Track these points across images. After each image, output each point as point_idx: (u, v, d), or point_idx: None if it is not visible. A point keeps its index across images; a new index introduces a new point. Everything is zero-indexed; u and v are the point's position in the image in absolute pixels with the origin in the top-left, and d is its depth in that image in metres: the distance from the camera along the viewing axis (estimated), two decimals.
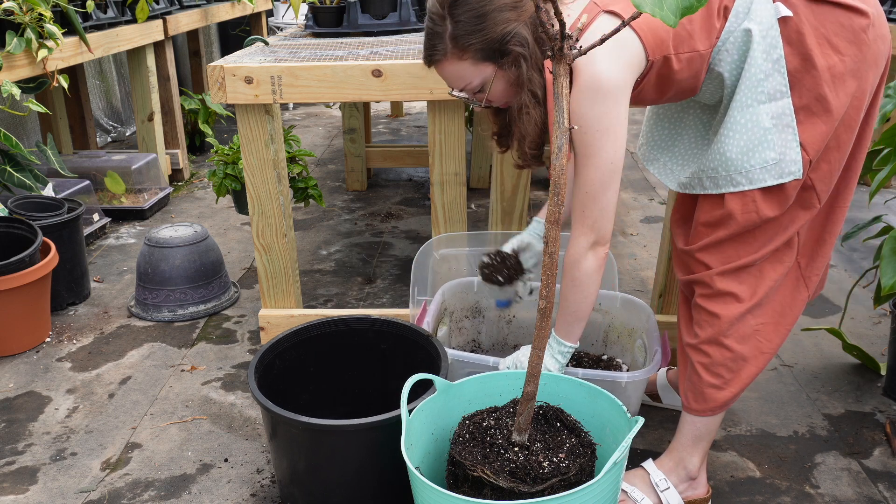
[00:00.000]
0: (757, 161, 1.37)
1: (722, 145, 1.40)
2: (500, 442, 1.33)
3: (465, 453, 1.31)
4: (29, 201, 2.55)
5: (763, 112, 1.35)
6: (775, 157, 1.36)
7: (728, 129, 1.39)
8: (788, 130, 1.35)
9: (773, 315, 1.51)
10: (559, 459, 1.29)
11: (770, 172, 1.37)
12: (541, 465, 1.27)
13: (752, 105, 1.36)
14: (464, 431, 1.37)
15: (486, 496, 1.25)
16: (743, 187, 1.39)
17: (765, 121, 1.35)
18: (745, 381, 1.53)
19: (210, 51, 5.81)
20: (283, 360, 1.67)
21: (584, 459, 1.29)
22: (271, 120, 1.97)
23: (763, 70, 1.34)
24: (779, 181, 1.37)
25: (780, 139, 1.36)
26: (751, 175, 1.38)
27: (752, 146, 1.37)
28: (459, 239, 2.05)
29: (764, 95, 1.35)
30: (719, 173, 1.42)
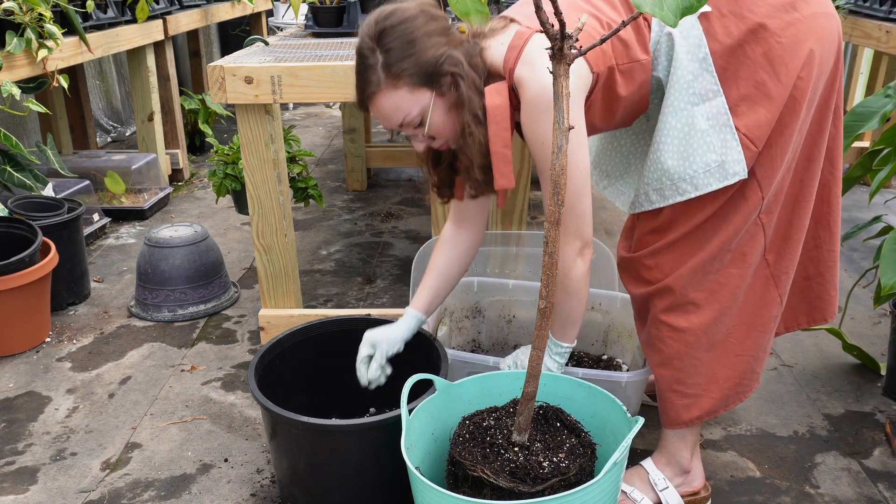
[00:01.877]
0: (699, 165, 1.33)
1: (660, 154, 1.37)
2: (500, 442, 1.32)
3: (465, 453, 1.31)
4: (29, 201, 2.55)
5: (697, 114, 1.32)
6: (717, 158, 1.32)
7: (664, 136, 1.36)
8: (726, 130, 1.32)
9: (744, 316, 1.46)
10: (559, 459, 1.29)
11: (714, 176, 1.33)
12: (541, 465, 1.27)
13: (684, 108, 1.33)
14: (464, 431, 1.37)
15: (486, 496, 1.25)
16: (689, 195, 1.35)
17: (700, 122, 1.32)
18: (724, 386, 1.49)
19: (210, 51, 5.81)
20: (283, 360, 1.67)
21: (584, 459, 1.29)
22: (271, 120, 1.97)
23: (690, 71, 1.31)
24: (724, 183, 1.33)
25: (719, 139, 1.32)
26: (695, 181, 1.34)
27: (691, 151, 1.33)
28: None
29: (696, 97, 1.32)
30: (664, 184, 1.38)
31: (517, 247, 2.07)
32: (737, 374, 1.50)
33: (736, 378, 1.50)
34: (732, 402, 1.53)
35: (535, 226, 3.23)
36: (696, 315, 1.45)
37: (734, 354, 1.48)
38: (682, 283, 1.44)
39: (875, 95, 1.90)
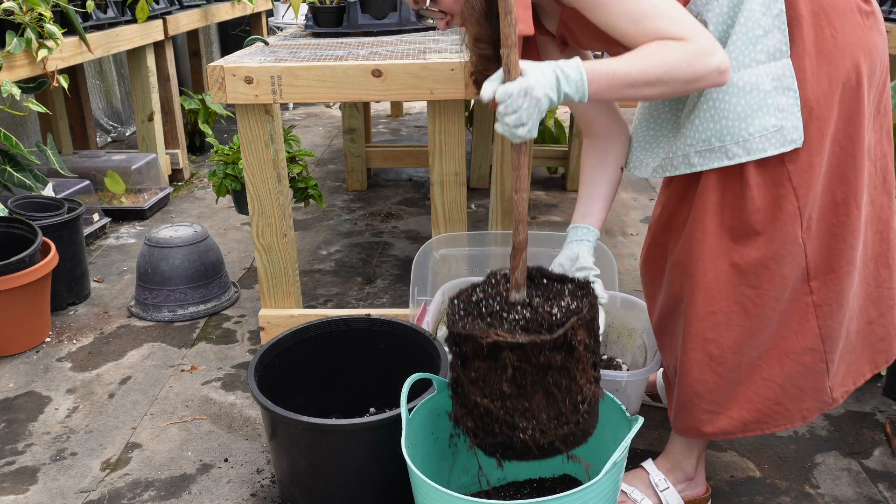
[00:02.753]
0: (756, 128, 1.24)
1: (714, 111, 1.27)
2: (498, 309, 1.23)
3: (471, 326, 1.19)
4: (29, 201, 2.56)
5: (762, 73, 1.23)
6: (776, 122, 1.23)
7: (722, 93, 1.26)
8: (790, 93, 1.24)
9: (777, 341, 1.37)
10: (567, 303, 1.21)
11: (770, 140, 1.24)
12: (551, 314, 1.19)
13: (749, 65, 1.24)
14: (458, 310, 1.26)
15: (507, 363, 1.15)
16: (739, 159, 1.26)
17: (765, 83, 1.23)
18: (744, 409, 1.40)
19: (210, 51, 5.81)
20: (283, 360, 1.67)
21: (590, 296, 1.23)
22: (271, 120, 1.97)
23: (762, 26, 1.23)
24: (780, 149, 1.24)
25: (782, 103, 1.24)
26: (749, 144, 1.25)
27: (751, 111, 1.24)
28: (459, 239, 2.05)
29: (763, 55, 1.23)
30: (712, 145, 1.27)
31: None
32: (760, 399, 1.40)
33: (759, 403, 1.40)
34: (752, 428, 1.42)
35: (535, 226, 3.23)
36: (725, 329, 1.35)
37: (760, 378, 1.39)
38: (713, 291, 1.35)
39: None
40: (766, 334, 1.36)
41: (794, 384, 1.39)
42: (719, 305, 1.35)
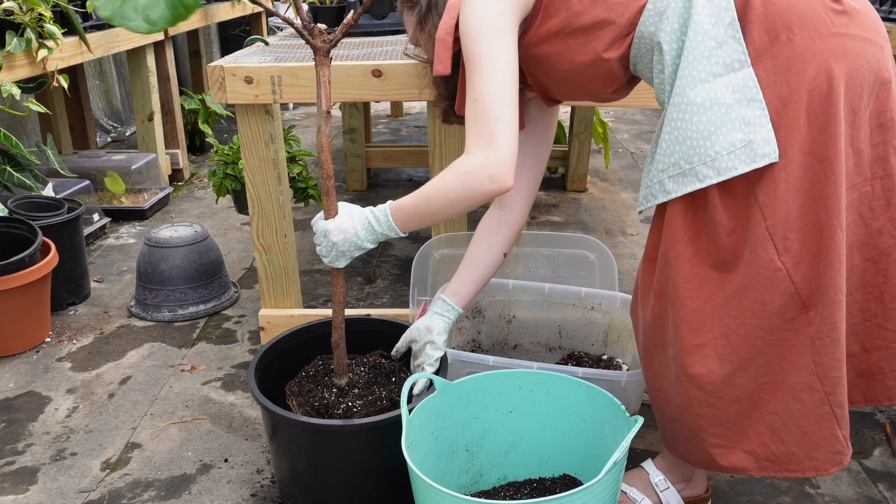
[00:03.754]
0: (722, 146, 1.17)
1: (677, 132, 1.21)
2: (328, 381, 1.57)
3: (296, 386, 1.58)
4: (29, 201, 2.55)
5: (721, 86, 1.17)
6: (743, 137, 1.16)
7: (681, 112, 1.20)
8: (755, 104, 1.16)
9: (777, 373, 1.26)
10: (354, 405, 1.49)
11: (740, 157, 1.16)
12: (338, 407, 1.49)
13: (706, 80, 1.17)
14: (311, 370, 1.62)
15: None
16: (710, 180, 1.18)
17: (726, 96, 1.16)
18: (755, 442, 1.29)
19: (210, 51, 5.81)
20: (284, 361, 1.67)
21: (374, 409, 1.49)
22: (271, 120, 1.97)
23: (714, 37, 1.17)
24: (752, 166, 1.16)
25: (748, 115, 1.16)
26: (718, 164, 1.17)
27: (714, 128, 1.17)
28: (459, 239, 2.05)
29: (720, 67, 1.17)
30: (682, 168, 1.21)
31: (517, 247, 2.07)
32: (770, 435, 1.29)
33: (769, 438, 1.29)
34: (767, 468, 1.30)
35: (535, 226, 3.23)
36: (715, 362, 1.27)
37: (768, 412, 1.28)
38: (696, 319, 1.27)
39: None
40: (761, 366, 1.26)
41: (796, 424, 1.27)
42: (705, 337, 1.27)
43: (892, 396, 1.34)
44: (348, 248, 1.43)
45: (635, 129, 4.99)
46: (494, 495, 1.55)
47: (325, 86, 1.35)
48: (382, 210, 1.40)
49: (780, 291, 1.21)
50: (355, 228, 1.41)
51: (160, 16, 0.92)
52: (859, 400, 1.36)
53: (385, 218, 1.39)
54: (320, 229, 1.44)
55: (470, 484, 1.56)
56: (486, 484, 1.58)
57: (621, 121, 5.23)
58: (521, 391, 1.51)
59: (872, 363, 1.33)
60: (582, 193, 3.67)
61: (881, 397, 1.34)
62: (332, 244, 1.42)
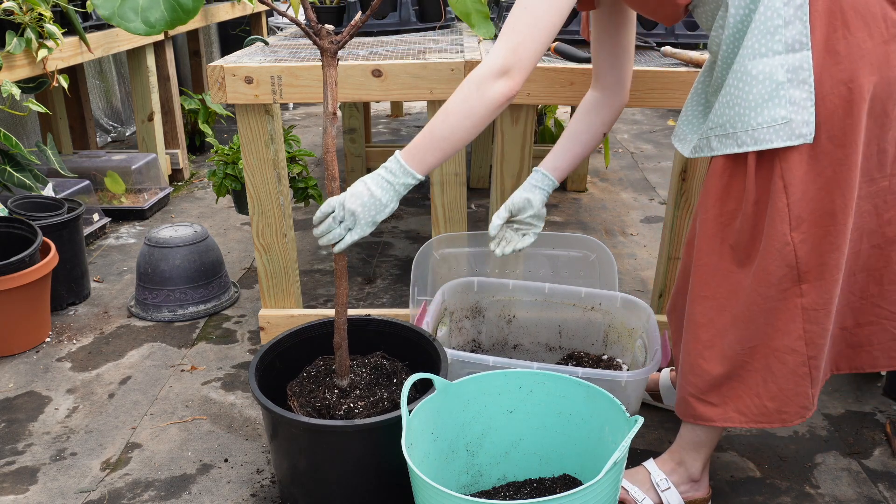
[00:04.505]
0: (765, 118, 1.24)
1: (730, 97, 1.28)
2: (329, 382, 1.58)
3: (297, 387, 1.58)
4: (29, 201, 2.55)
5: (778, 63, 1.23)
6: (786, 115, 1.23)
7: (737, 80, 1.27)
8: (804, 87, 1.22)
9: (764, 338, 1.38)
10: (356, 406, 1.50)
11: (778, 133, 1.24)
12: (339, 408, 1.50)
13: (766, 55, 1.23)
14: (313, 371, 1.63)
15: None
16: (747, 147, 1.27)
17: (779, 74, 1.22)
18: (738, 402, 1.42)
19: (210, 51, 5.81)
20: (284, 361, 1.67)
21: (376, 411, 1.49)
22: (271, 120, 1.97)
23: (782, 16, 1.22)
24: (787, 143, 1.24)
25: (795, 96, 1.23)
26: (757, 134, 1.26)
27: (762, 101, 1.24)
28: (459, 239, 2.05)
29: (781, 45, 1.22)
30: (727, 130, 1.30)
31: None
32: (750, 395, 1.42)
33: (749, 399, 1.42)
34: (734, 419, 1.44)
35: None
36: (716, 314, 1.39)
37: (749, 371, 1.41)
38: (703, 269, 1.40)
39: None
40: (752, 329, 1.38)
41: (775, 383, 1.40)
42: (713, 290, 1.39)
43: (875, 365, 1.47)
44: (368, 212, 1.35)
45: (635, 129, 4.99)
46: (494, 495, 1.55)
47: (332, 87, 1.33)
48: (392, 160, 1.35)
49: (783, 263, 1.31)
50: (370, 189, 1.35)
51: (159, 18, 0.92)
52: (845, 367, 1.49)
53: (397, 165, 1.34)
54: (334, 203, 1.37)
55: (470, 484, 1.56)
56: (486, 484, 1.58)
57: (621, 121, 5.23)
58: (521, 391, 1.51)
59: (863, 336, 1.46)
60: (582, 193, 3.67)
61: (865, 365, 1.48)
62: (350, 213, 1.35)
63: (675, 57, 1.91)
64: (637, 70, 1.79)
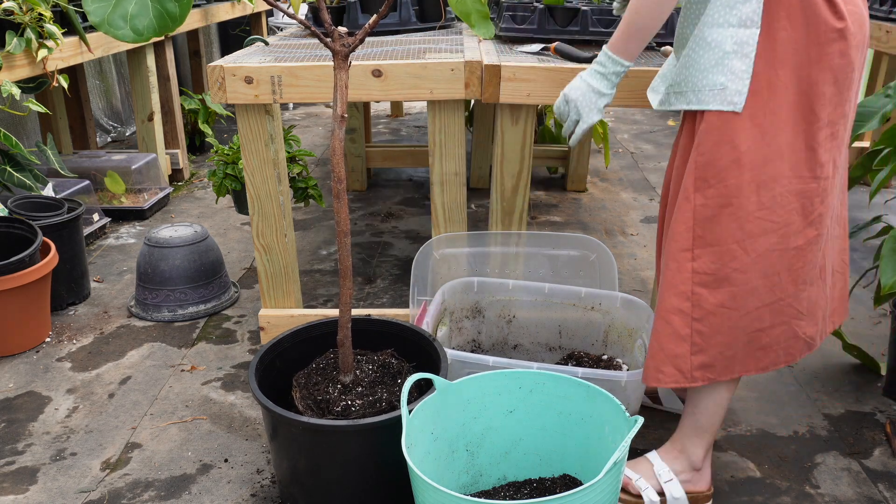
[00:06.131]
0: (708, 82, 1.38)
1: (687, 59, 1.42)
2: (335, 376, 1.59)
3: (304, 378, 1.60)
4: (29, 201, 2.55)
5: (728, 35, 1.35)
6: (723, 82, 1.36)
7: (695, 44, 1.40)
8: (745, 60, 1.34)
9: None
10: (353, 404, 1.50)
11: (716, 97, 1.37)
12: (338, 404, 1.51)
13: (721, 25, 1.35)
14: (322, 363, 1.64)
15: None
16: (692, 106, 1.41)
17: (727, 44, 1.35)
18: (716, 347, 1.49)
19: (210, 51, 5.81)
20: (284, 361, 1.67)
21: (372, 410, 1.50)
22: (271, 120, 1.97)
23: None
24: (720, 108, 1.36)
25: (735, 66, 1.35)
26: (700, 95, 1.39)
27: (709, 66, 1.37)
28: (459, 239, 2.05)
29: (735, 19, 1.34)
30: (681, 88, 1.44)
31: (517, 247, 2.07)
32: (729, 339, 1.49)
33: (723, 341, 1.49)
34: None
35: (535, 226, 3.23)
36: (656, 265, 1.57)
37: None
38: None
39: (875, 95, 1.89)
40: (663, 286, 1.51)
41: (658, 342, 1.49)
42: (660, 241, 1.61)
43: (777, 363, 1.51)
44: (587, 98, 1.55)
45: (635, 129, 4.99)
46: (494, 495, 1.55)
47: (342, 90, 1.32)
48: (601, 54, 1.50)
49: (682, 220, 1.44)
50: (586, 82, 1.55)
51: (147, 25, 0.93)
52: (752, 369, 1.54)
53: (606, 58, 1.49)
54: (559, 101, 1.60)
55: (470, 484, 1.56)
56: (486, 484, 1.58)
57: (621, 121, 5.23)
58: (522, 391, 1.52)
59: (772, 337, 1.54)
60: (582, 193, 3.67)
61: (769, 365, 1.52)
62: (573, 102, 1.56)
63: None
64: (637, 70, 1.79)
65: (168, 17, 0.94)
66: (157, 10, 0.92)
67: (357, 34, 1.35)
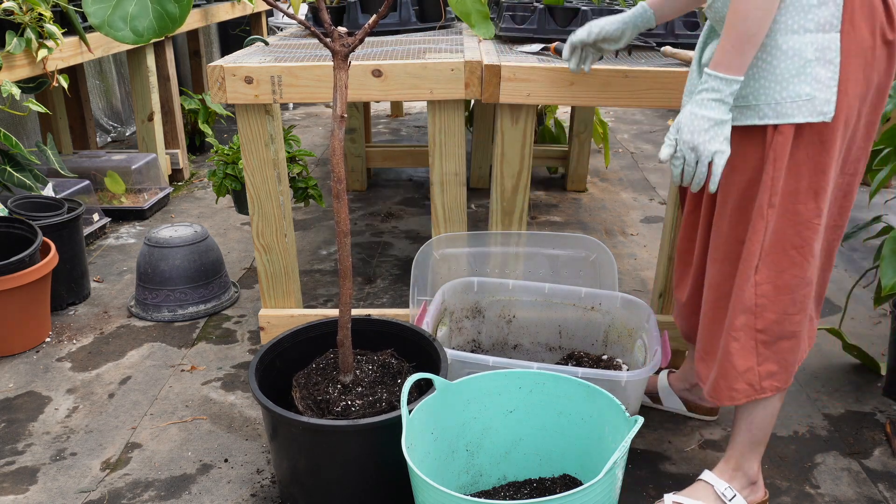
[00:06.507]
0: (789, 94, 1.28)
1: (757, 70, 1.30)
2: (335, 376, 1.59)
3: (304, 378, 1.60)
4: (29, 201, 2.55)
5: (808, 41, 1.26)
6: (810, 92, 1.26)
7: (766, 54, 1.29)
8: (830, 67, 1.26)
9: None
10: (353, 404, 1.50)
11: (801, 109, 1.27)
12: (338, 404, 1.51)
13: (797, 32, 1.26)
14: (322, 363, 1.64)
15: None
16: (769, 120, 1.30)
17: (808, 51, 1.26)
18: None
19: (210, 51, 5.81)
20: (284, 361, 1.67)
21: (372, 411, 1.49)
22: (271, 120, 1.97)
23: None
24: (808, 119, 1.27)
25: (820, 74, 1.26)
26: (780, 108, 1.29)
27: (789, 76, 1.27)
28: (459, 239, 2.05)
29: (813, 24, 1.25)
30: (749, 102, 1.32)
31: (517, 247, 2.07)
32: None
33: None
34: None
35: (535, 226, 3.23)
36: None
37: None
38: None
39: None
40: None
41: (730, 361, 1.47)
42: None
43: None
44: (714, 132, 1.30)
45: (635, 129, 4.99)
46: (494, 495, 1.55)
47: (342, 90, 1.32)
48: (708, 80, 1.28)
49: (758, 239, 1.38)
50: (704, 116, 1.30)
51: (147, 27, 0.93)
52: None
53: (719, 81, 1.27)
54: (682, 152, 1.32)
55: (470, 484, 1.56)
56: (486, 484, 1.58)
57: (621, 121, 5.23)
58: (521, 391, 1.52)
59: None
60: (582, 193, 3.67)
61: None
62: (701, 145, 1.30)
63: (675, 57, 1.91)
64: (637, 70, 1.79)
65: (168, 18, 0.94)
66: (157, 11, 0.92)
67: (357, 34, 1.35)
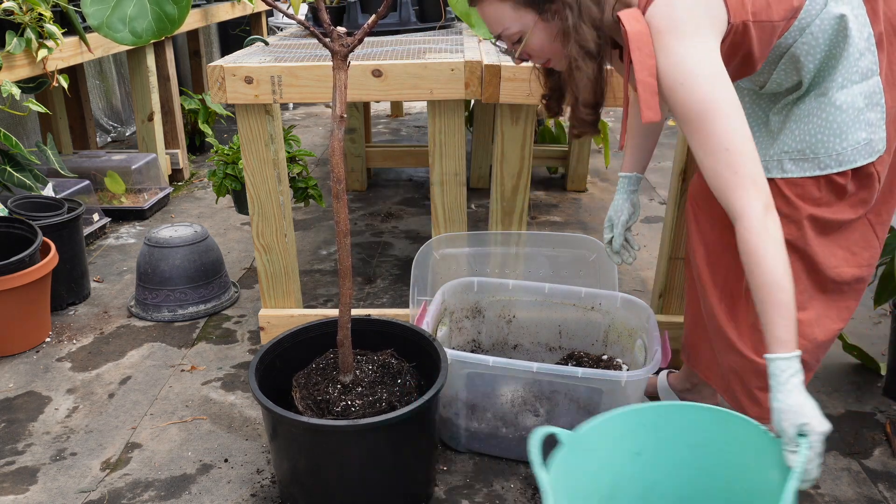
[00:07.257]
0: (849, 143, 1.35)
1: (812, 126, 1.36)
2: (335, 376, 1.60)
3: (303, 378, 1.60)
4: (29, 201, 2.55)
5: (857, 92, 1.33)
6: (867, 136, 1.34)
7: (821, 111, 1.36)
8: (878, 108, 1.34)
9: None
10: (353, 405, 1.51)
11: (861, 153, 1.35)
12: (337, 404, 1.51)
13: (846, 86, 1.33)
14: (322, 363, 1.65)
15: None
16: (831, 169, 1.36)
17: (859, 101, 1.33)
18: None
19: (210, 51, 5.81)
20: (284, 361, 1.67)
21: (372, 411, 1.49)
22: (271, 120, 1.97)
23: (858, 49, 1.31)
24: (869, 160, 1.35)
25: (871, 118, 1.34)
26: (842, 157, 1.35)
27: (846, 128, 1.34)
28: (459, 239, 2.05)
29: (858, 75, 1.33)
30: (805, 155, 1.38)
31: (517, 247, 2.07)
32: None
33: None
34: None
35: (535, 226, 3.23)
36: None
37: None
38: None
39: None
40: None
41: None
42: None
43: None
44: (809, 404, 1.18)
45: None
46: None
47: (341, 90, 1.32)
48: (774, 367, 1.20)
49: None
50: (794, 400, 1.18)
51: (146, 28, 0.93)
52: None
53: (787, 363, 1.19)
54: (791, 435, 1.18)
55: None
56: None
57: (621, 121, 5.23)
58: (645, 429, 1.32)
59: None
60: (582, 193, 3.67)
61: None
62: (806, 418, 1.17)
63: None
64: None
65: (167, 19, 0.94)
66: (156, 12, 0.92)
67: (356, 34, 1.35)
